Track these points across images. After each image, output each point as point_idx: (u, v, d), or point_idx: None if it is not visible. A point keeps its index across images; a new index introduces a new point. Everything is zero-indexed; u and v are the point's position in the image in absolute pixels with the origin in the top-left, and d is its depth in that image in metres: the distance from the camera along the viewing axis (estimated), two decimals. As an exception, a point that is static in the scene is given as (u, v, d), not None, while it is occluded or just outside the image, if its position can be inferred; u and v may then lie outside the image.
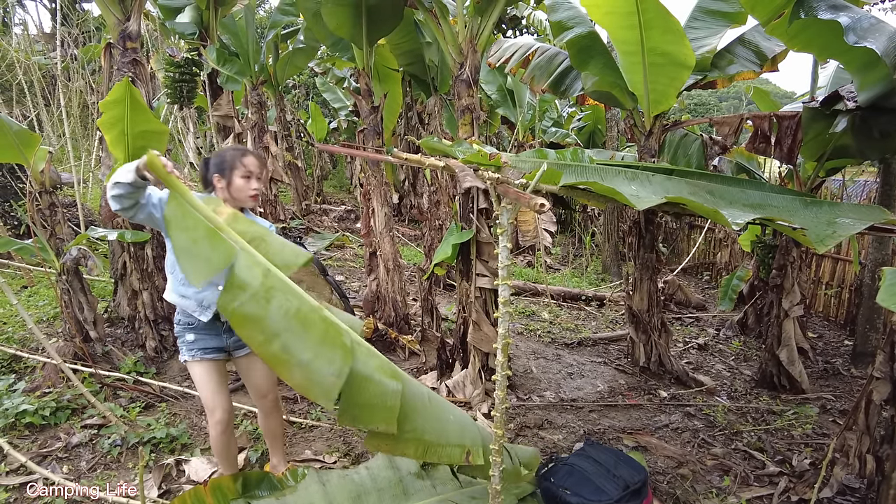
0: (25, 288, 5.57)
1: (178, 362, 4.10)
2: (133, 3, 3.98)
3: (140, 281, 4.09)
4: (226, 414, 2.35)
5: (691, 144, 4.98)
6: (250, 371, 2.50)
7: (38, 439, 3.06)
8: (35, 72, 9.63)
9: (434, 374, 4.10)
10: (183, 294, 2.30)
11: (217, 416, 2.33)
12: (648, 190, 2.13)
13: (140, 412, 3.39)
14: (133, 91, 3.43)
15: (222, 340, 2.39)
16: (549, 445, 3.30)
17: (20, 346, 4.03)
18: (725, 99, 30.57)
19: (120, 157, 3.73)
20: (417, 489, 2.39)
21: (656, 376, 4.42)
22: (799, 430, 3.57)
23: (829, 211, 2.13)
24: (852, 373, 4.66)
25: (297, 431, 3.35)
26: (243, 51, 6.81)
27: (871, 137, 3.43)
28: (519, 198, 1.72)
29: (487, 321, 3.68)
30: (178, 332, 2.37)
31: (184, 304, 2.31)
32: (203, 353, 2.35)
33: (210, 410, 2.34)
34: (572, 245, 10.04)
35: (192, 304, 2.30)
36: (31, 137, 3.60)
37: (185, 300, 2.30)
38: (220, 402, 2.34)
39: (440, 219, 5.89)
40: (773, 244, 5.10)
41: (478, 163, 1.98)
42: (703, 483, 2.96)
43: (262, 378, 2.52)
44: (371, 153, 2.23)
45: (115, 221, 4.06)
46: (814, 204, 2.24)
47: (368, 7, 4.13)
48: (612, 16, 3.54)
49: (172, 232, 1.36)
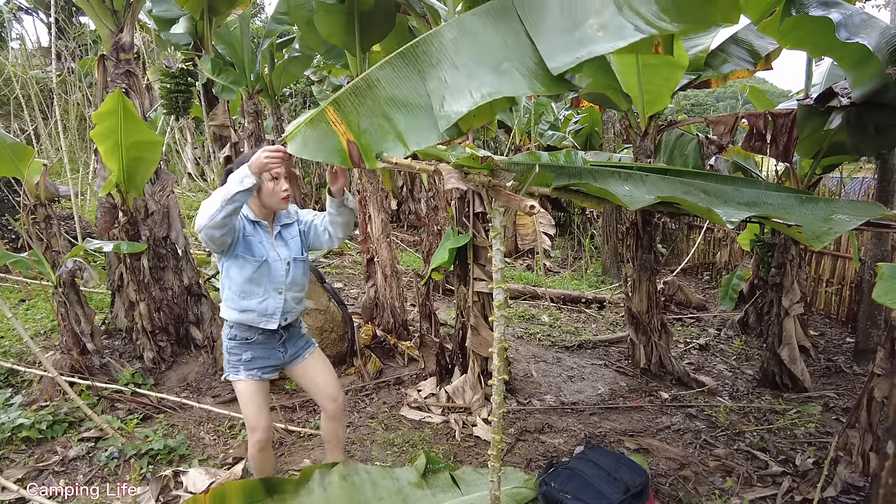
0: (23, 301, 5.56)
1: (175, 373, 4.08)
2: (126, 15, 3.99)
3: (137, 292, 4.08)
4: (266, 433, 2.36)
5: (687, 144, 4.97)
6: (309, 373, 2.49)
7: (34, 453, 3.04)
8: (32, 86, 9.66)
9: (433, 379, 4.08)
10: (244, 308, 2.26)
11: (258, 435, 2.33)
12: (642, 190, 2.12)
13: (138, 424, 3.38)
14: (126, 102, 3.43)
15: (278, 356, 2.38)
16: (550, 449, 3.28)
17: (17, 359, 4.01)
18: (722, 99, 30.62)
19: (114, 168, 3.72)
20: (418, 498, 2.37)
21: (657, 378, 4.39)
22: (802, 429, 3.54)
23: (825, 208, 2.12)
24: (854, 370, 4.63)
25: (296, 440, 3.33)
26: (239, 60, 6.81)
27: (866, 133, 3.43)
28: (510, 200, 1.71)
29: (486, 325, 3.66)
30: (231, 348, 2.32)
31: (245, 318, 2.27)
32: (261, 372, 2.34)
33: (252, 429, 2.34)
34: (571, 248, 10.02)
35: (254, 317, 2.26)
36: (25, 151, 3.60)
37: (246, 314, 2.26)
38: (262, 423, 2.34)
39: (438, 224, 5.88)
40: (772, 243, 5.09)
41: (470, 166, 1.97)
42: (705, 485, 2.93)
43: (328, 381, 2.50)
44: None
45: (112, 233, 4.05)
46: (810, 201, 2.22)
47: (361, 14, 4.13)
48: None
49: None
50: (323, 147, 1.77)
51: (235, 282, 2.25)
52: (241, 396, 2.34)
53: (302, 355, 2.47)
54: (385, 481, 2.37)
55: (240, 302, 2.26)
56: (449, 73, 1.75)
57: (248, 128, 7.15)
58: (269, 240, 2.32)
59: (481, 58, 1.75)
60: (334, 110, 1.74)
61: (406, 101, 1.77)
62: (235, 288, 2.26)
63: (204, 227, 2.05)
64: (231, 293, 2.27)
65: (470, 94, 1.68)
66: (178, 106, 6.26)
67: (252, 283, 2.25)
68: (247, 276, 2.24)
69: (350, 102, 1.80)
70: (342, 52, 4.92)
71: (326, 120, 1.76)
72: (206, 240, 2.12)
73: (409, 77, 1.79)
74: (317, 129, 1.78)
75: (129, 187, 3.91)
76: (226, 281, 2.29)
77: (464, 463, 3.07)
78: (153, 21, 6.40)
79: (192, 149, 14.14)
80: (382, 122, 1.76)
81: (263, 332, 2.31)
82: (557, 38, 1.68)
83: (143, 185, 3.98)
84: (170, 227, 4.25)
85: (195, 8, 5.65)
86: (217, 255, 2.28)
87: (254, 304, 2.25)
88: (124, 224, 4.00)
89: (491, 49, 1.75)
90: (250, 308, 2.25)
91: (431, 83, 1.77)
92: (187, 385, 3.99)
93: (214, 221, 2.03)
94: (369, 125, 1.76)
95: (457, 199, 3.80)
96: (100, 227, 4.14)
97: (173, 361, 4.18)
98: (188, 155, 13.92)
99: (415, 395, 3.91)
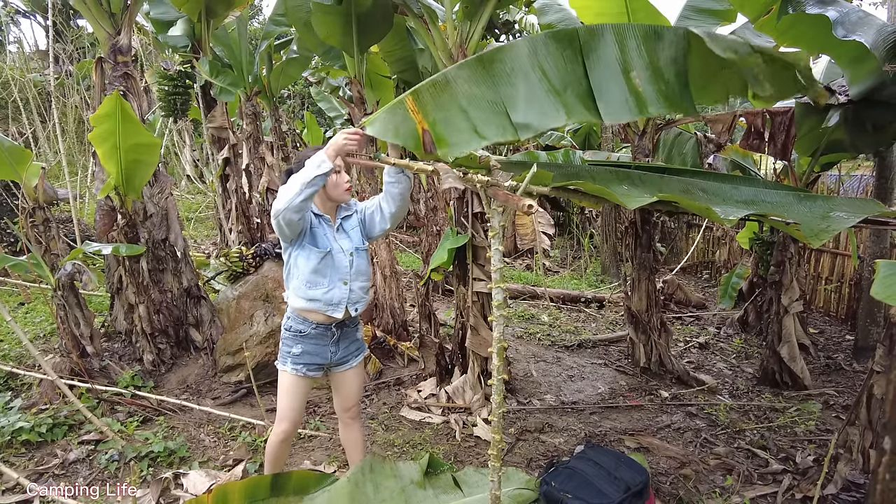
0: (22, 304, 5.55)
1: (175, 375, 4.08)
2: (123, 17, 3.99)
3: (136, 294, 4.07)
4: (293, 426, 2.41)
5: (685, 143, 4.98)
6: (343, 385, 2.53)
7: (34, 456, 3.03)
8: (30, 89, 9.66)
9: (433, 380, 4.08)
10: (311, 297, 2.31)
11: (284, 426, 2.38)
12: (640, 189, 2.12)
13: (138, 426, 3.37)
14: (124, 104, 3.42)
15: (327, 355, 2.41)
16: (550, 449, 3.28)
17: (16, 363, 4.01)
18: (720, 98, 30.64)
19: (112, 171, 3.72)
20: (420, 499, 2.37)
21: (657, 376, 4.39)
22: (802, 427, 3.55)
23: (823, 205, 2.12)
24: (854, 367, 4.63)
25: (297, 441, 3.33)
26: (237, 62, 6.81)
27: (864, 131, 3.43)
28: (508, 200, 1.72)
29: (486, 325, 3.66)
30: (285, 338, 2.39)
31: (312, 306, 2.31)
32: (307, 369, 2.37)
33: (280, 419, 2.38)
34: (571, 247, 10.02)
35: (320, 306, 2.31)
36: (23, 154, 3.60)
37: (313, 303, 2.31)
38: (292, 417, 2.39)
39: (437, 224, 5.88)
40: (771, 241, 5.09)
41: (468, 166, 1.98)
42: (706, 483, 2.93)
43: (351, 391, 2.54)
44: (363, 160, 2.23)
45: (110, 235, 4.05)
46: (808, 199, 2.23)
47: (358, 15, 4.13)
48: (602, 17, 3.55)
49: None
50: (400, 131, 1.87)
51: (303, 272, 2.31)
52: (281, 386, 2.39)
53: (350, 363, 2.49)
54: (388, 482, 2.36)
55: (307, 291, 2.31)
56: (524, 85, 1.88)
57: (246, 129, 7.14)
58: (332, 232, 2.39)
59: (552, 78, 1.91)
60: (413, 100, 1.84)
61: (482, 99, 1.88)
62: (302, 277, 2.32)
63: (283, 211, 2.12)
64: (298, 282, 2.33)
65: (554, 112, 1.84)
66: (176, 108, 6.26)
67: (318, 274, 2.31)
68: (313, 267, 2.30)
69: (429, 94, 1.90)
70: (340, 53, 4.92)
71: (405, 107, 1.87)
72: (284, 223, 2.18)
73: (484, 80, 1.91)
74: (395, 115, 1.88)
75: (127, 190, 3.91)
76: (294, 270, 2.34)
77: (464, 463, 3.07)
78: (151, 23, 6.40)
79: (190, 151, 14.13)
80: (458, 115, 1.87)
81: (318, 327, 2.36)
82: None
83: (142, 187, 3.98)
84: (168, 229, 4.24)
85: (193, 10, 5.66)
86: (284, 246, 2.35)
87: (319, 294, 2.31)
88: (123, 226, 3.99)
89: (556, 73, 1.91)
90: (316, 297, 2.31)
91: (505, 89, 1.90)
92: (187, 387, 3.99)
93: (293, 204, 2.10)
94: (445, 117, 1.86)
95: (455, 200, 3.81)
96: (98, 230, 4.14)
97: (173, 364, 4.18)
98: (187, 157, 13.92)
99: (415, 396, 3.91)
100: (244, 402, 3.86)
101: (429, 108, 1.87)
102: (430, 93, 1.91)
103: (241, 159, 6.82)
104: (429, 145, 1.78)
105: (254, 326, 4.10)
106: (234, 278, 4.41)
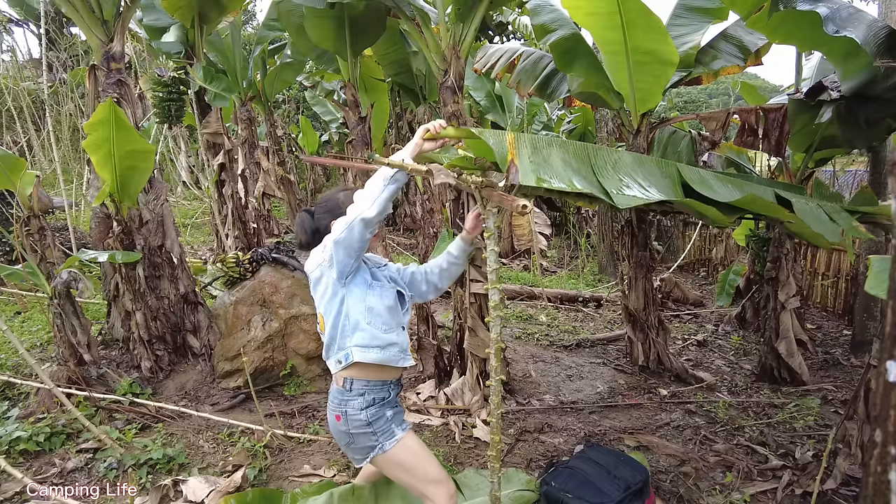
0: (19, 314, 5.53)
1: (173, 382, 4.07)
2: (116, 24, 3.99)
3: (133, 301, 4.06)
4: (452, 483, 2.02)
5: (680, 141, 4.98)
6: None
7: (32, 466, 3.02)
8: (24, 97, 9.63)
9: (432, 382, 4.07)
10: (389, 342, 1.92)
11: (450, 488, 1.95)
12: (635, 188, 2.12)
13: (136, 434, 3.36)
14: (117, 111, 3.42)
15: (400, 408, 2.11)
16: (550, 449, 3.28)
17: (13, 372, 3.99)
18: (715, 95, 30.71)
19: (107, 178, 3.71)
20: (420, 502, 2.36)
21: (656, 375, 4.40)
22: (801, 423, 3.55)
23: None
24: (852, 362, 4.64)
25: (296, 446, 3.32)
26: (231, 68, 6.81)
27: (857, 126, 3.44)
28: (503, 200, 1.72)
29: (483, 327, 3.66)
30: (372, 418, 1.92)
31: (388, 355, 1.92)
32: (406, 423, 2.05)
33: (438, 482, 1.94)
34: (568, 247, 10.03)
35: (396, 352, 1.95)
36: (17, 162, 3.59)
37: (390, 349, 1.93)
38: (444, 473, 1.99)
39: (434, 227, 5.87)
40: (767, 237, 5.10)
41: (462, 167, 1.98)
42: (706, 480, 2.94)
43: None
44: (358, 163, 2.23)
45: (106, 243, 4.04)
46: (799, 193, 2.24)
47: (351, 19, 4.14)
48: (595, 16, 3.54)
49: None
50: (494, 146, 1.81)
51: (378, 312, 1.93)
52: (415, 454, 1.95)
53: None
54: (388, 486, 2.36)
55: (382, 336, 1.91)
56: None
57: (241, 135, 7.14)
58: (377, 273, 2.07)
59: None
60: (513, 139, 1.81)
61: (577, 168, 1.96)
62: (379, 320, 1.92)
63: (363, 212, 1.77)
64: (372, 328, 1.91)
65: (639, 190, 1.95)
66: (170, 114, 6.26)
67: (391, 314, 1.97)
68: (388, 305, 1.96)
69: (528, 145, 1.92)
70: (334, 56, 4.94)
71: (504, 140, 1.82)
72: (358, 240, 1.80)
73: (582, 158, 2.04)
74: (495, 136, 1.84)
75: (122, 197, 3.90)
76: (365, 315, 1.91)
77: (464, 465, 3.07)
78: (144, 30, 6.40)
79: (185, 157, 14.12)
80: (551, 166, 1.90)
81: (393, 386, 2.04)
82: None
83: (137, 194, 3.97)
84: (165, 235, 4.23)
85: (186, 16, 5.66)
86: (333, 286, 1.91)
87: (394, 338, 1.94)
88: (119, 234, 3.98)
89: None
90: (393, 342, 1.93)
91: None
92: (185, 394, 3.98)
93: (379, 200, 1.78)
94: (535, 161, 1.86)
95: (451, 202, 3.81)
96: (94, 238, 4.13)
97: (171, 370, 4.16)
98: (182, 163, 13.90)
99: (414, 398, 3.91)
100: (243, 407, 3.85)
101: (523, 153, 1.86)
102: (528, 143, 1.93)
103: (237, 164, 6.82)
104: (511, 175, 1.74)
105: (251, 331, 4.09)
106: (231, 284, 4.39)
